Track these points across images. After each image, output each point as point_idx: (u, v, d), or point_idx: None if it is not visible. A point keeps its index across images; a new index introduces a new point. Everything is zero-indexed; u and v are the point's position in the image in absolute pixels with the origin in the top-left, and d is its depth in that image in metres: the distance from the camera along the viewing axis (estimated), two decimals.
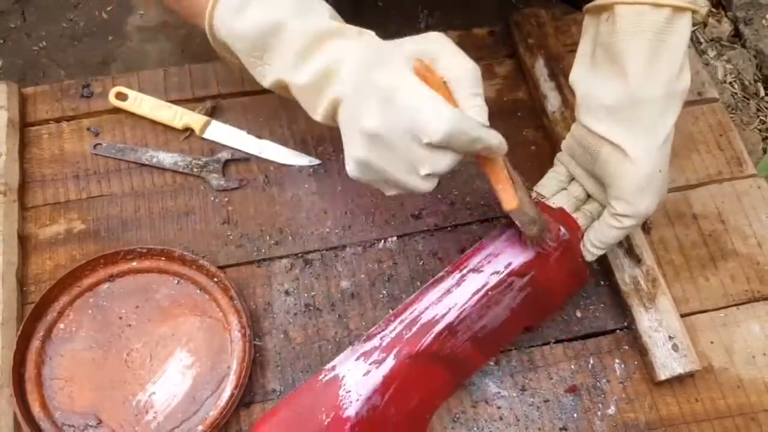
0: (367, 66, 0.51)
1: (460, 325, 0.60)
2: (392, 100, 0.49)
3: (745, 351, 0.67)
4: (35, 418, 0.62)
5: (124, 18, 1.12)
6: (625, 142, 0.57)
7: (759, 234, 0.73)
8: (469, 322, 0.61)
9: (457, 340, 0.60)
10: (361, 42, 0.54)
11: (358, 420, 0.57)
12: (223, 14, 0.55)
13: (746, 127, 1.05)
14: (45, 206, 0.73)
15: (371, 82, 0.50)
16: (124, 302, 0.67)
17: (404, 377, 0.58)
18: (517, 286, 0.62)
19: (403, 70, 0.50)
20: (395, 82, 0.49)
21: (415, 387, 0.59)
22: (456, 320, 0.60)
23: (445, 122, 0.47)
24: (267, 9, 0.54)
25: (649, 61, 0.55)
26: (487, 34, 0.85)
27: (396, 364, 0.59)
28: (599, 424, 0.63)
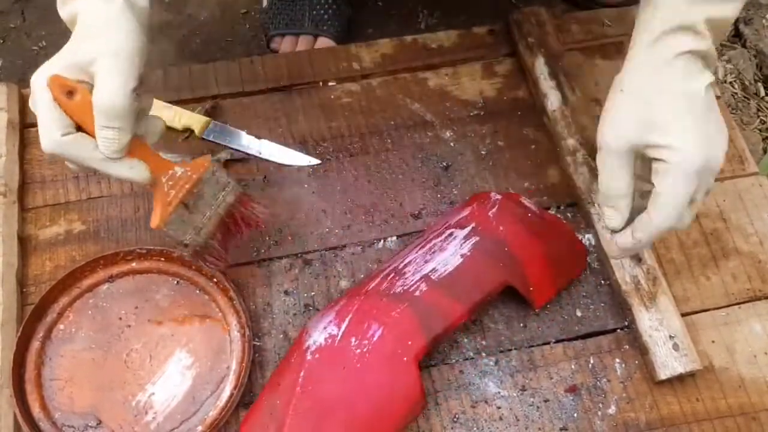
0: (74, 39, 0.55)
1: (407, 268, 0.64)
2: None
3: (747, 350, 0.67)
4: (35, 418, 0.62)
5: None
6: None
7: (760, 232, 0.73)
8: (416, 265, 0.64)
9: (407, 280, 0.63)
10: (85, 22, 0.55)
11: (317, 348, 0.60)
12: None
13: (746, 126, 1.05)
14: (45, 207, 0.74)
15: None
16: (124, 303, 0.67)
17: (359, 311, 0.62)
18: (460, 235, 0.66)
19: (41, 80, 0.53)
20: (36, 85, 0.53)
21: (375, 321, 0.61)
22: (401, 264, 0.65)
23: (45, 147, 0.53)
24: None
25: None
26: (487, 33, 0.85)
27: (347, 301, 0.63)
28: (599, 424, 0.63)
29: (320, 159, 0.76)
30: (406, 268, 0.64)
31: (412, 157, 0.77)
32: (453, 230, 0.66)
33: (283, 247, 0.71)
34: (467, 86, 0.82)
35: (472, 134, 0.78)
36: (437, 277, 0.63)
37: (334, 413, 0.58)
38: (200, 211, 0.61)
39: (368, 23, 1.09)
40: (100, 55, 0.53)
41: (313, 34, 0.99)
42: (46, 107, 0.53)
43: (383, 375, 0.60)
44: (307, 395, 0.58)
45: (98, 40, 0.53)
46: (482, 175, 0.76)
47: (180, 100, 0.79)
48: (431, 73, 0.82)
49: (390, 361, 0.60)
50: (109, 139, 0.53)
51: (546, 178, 0.76)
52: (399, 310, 0.61)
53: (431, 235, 0.67)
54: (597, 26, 0.85)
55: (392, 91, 0.81)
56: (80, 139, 0.54)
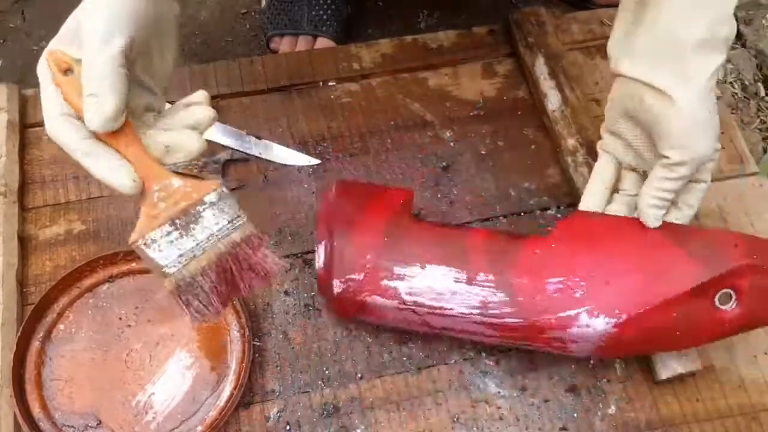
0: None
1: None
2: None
3: (747, 350, 0.67)
4: (35, 418, 0.62)
5: None
6: (668, 83, 0.55)
7: (760, 232, 0.73)
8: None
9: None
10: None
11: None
12: None
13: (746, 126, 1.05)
14: (45, 207, 0.74)
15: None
16: (124, 303, 0.67)
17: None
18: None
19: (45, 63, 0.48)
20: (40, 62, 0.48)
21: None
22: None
23: (47, 129, 0.47)
24: None
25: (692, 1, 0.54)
26: (487, 33, 0.85)
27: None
28: (599, 424, 0.63)
29: (320, 159, 0.76)
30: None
31: (412, 157, 0.77)
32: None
33: (283, 247, 0.71)
34: (467, 86, 0.82)
35: (472, 134, 0.78)
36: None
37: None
38: (194, 238, 0.48)
39: (368, 23, 1.09)
40: (85, 18, 0.47)
41: (312, 34, 0.99)
42: (44, 85, 0.48)
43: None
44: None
45: (87, 2, 0.48)
46: (482, 175, 0.76)
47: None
48: (431, 73, 0.82)
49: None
50: (89, 110, 0.46)
51: (546, 178, 0.76)
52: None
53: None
54: (597, 26, 0.86)
55: (392, 91, 0.81)
56: (70, 120, 0.47)
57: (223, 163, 0.75)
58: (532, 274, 0.58)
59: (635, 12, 0.58)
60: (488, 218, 0.73)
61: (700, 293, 0.57)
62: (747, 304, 0.57)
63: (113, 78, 0.46)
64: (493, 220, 0.73)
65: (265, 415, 0.64)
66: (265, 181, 0.75)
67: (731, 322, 0.58)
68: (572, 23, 0.85)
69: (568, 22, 0.85)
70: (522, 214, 0.73)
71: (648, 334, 0.57)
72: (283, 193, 0.74)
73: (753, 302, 0.57)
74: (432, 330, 0.62)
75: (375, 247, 0.60)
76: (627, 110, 0.60)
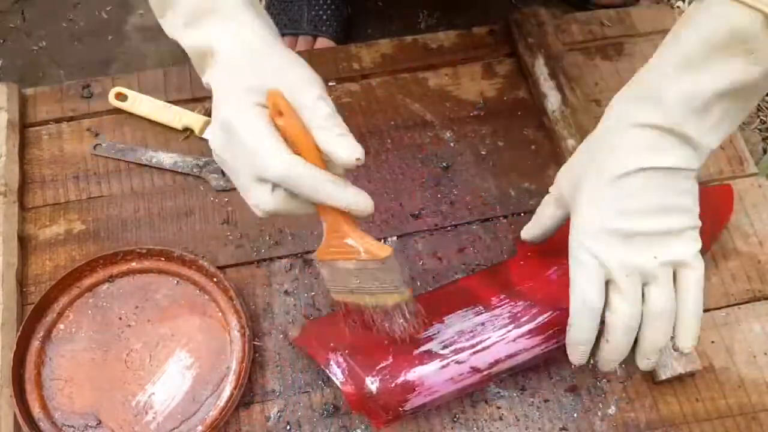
0: (229, 72, 0.52)
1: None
2: (231, 131, 0.49)
3: (746, 351, 0.67)
4: (35, 418, 0.62)
5: (124, 18, 1.12)
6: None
7: (760, 233, 0.73)
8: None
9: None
10: (237, 38, 0.52)
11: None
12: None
13: (746, 127, 1.05)
14: (45, 207, 0.73)
15: (222, 109, 0.51)
16: (124, 303, 0.67)
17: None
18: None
19: (245, 104, 0.50)
20: (234, 114, 0.50)
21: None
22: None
23: (276, 170, 0.48)
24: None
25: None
26: (487, 34, 0.85)
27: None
28: (599, 424, 0.63)
29: None
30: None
31: (412, 157, 0.77)
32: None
33: (284, 247, 0.71)
34: (467, 86, 0.82)
35: (472, 134, 0.78)
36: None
37: None
38: (356, 281, 0.54)
39: (368, 23, 1.09)
40: (294, 65, 0.51)
41: (312, 34, 0.99)
42: (266, 127, 0.49)
43: None
44: None
45: (282, 67, 0.51)
46: (482, 175, 0.76)
47: (180, 99, 0.79)
48: (431, 73, 0.82)
49: None
50: (345, 146, 0.49)
51: (546, 179, 0.76)
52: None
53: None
54: (597, 27, 0.86)
55: (392, 92, 0.81)
56: (302, 159, 0.49)
57: None
58: (532, 276, 0.59)
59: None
60: (488, 218, 0.73)
61: None
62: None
63: (339, 117, 0.50)
64: (493, 220, 0.73)
65: (266, 415, 0.64)
66: None
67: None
68: (572, 24, 0.85)
69: (568, 23, 0.85)
70: (522, 214, 0.73)
71: None
72: None
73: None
74: (483, 376, 0.60)
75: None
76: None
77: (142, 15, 1.12)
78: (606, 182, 0.52)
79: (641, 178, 0.51)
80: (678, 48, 0.50)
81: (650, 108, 0.51)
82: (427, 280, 0.70)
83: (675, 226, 0.51)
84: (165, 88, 0.80)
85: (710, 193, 0.69)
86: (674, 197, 0.51)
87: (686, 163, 0.51)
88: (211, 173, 0.74)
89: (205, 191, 0.74)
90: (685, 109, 0.49)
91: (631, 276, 0.51)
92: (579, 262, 0.52)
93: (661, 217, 0.51)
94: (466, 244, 0.72)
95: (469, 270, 0.70)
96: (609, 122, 0.54)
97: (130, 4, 1.13)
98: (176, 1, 0.54)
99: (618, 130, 0.53)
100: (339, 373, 0.59)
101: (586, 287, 0.52)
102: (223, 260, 0.70)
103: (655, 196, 0.51)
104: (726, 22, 0.47)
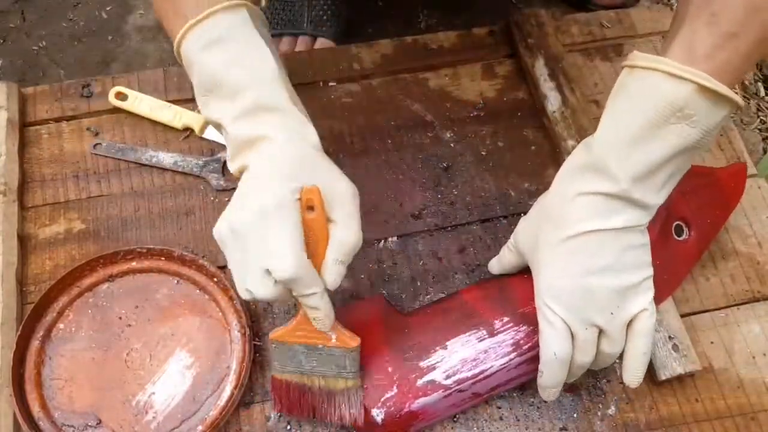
0: (277, 159, 0.53)
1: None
2: (264, 220, 0.51)
3: (746, 351, 0.67)
4: (35, 418, 0.62)
5: (124, 18, 1.12)
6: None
7: (759, 234, 0.73)
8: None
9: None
10: (294, 132, 0.54)
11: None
12: (189, 50, 0.56)
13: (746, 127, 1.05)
14: (45, 206, 0.73)
15: (257, 188, 0.53)
16: (124, 302, 0.67)
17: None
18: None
19: (284, 194, 0.51)
20: (272, 203, 0.51)
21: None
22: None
23: (287, 269, 0.50)
24: (226, 55, 0.54)
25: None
26: (487, 34, 0.85)
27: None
28: (599, 424, 0.63)
29: None
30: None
31: (412, 158, 0.77)
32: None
33: None
34: (467, 87, 0.82)
35: (473, 135, 0.78)
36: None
37: None
38: (310, 364, 0.59)
39: (368, 23, 1.09)
40: (338, 178, 0.54)
41: (312, 34, 0.99)
42: (295, 227, 0.51)
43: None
44: None
45: (330, 171, 0.54)
46: (482, 175, 0.76)
47: (180, 99, 0.79)
48: (431, 73, 0.83)
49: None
50: (340, 273, 0.53)
51: (546, 179, 0.76)
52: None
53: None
54: (597, 28, 0.86)
55: (392, 92, 0.81)
56: (311, 265, 0.52)
57: (223, 162, 0.75)
58: (533, 295, 0.59)
59: None
60: (488, 218, 0.73)
61: (661, 234, 0.63)
62: (696, 224, 0.65)
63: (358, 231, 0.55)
64: (493, 221, 0.73)
65: (266, 415, 0.64)
66: None
67: (694, 246, 0.66)
68: (572, 25, 0.86)
69: (568, 24, 0.86)
70: (522, 214, 0.73)
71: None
72: None
73: (698, 220, 0.66)
74: (482, 399, 0.62)
75: (389, 358, 0.61)
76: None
77: (141, 15, 1.12)
78: (560, 243, 0.55)
79: (595, 239, 0.54)
80: (620, 123, 0.52)
81: (598, 178, 0.53)
82: (427, 280, 0.70)
83: (633, 281, 0.55)
84: (165, 87, 0.80)
85: (722, 175, 0.69)
86: (628, 254, 0.54)
87: (636, 221, 0.54)
88: (211, 173, 0.74)
89: (206, 191, 0.74)
90: (632, 178, 0.52)
91: (589, 329, 0.55)
92: (547, 321, 0.56)
93: (618, 275, 0.54)
94: (466, 244, 0.72)
95: (469, 270, 0.70)
96: (560, 188, 0.57)
97: (130, 4, 1.13)
98: (234, 94, 0.54)
99: (568, 197, 0.55)
100: None
101: (555, 344, 0.55)
102: (223, 260, 0.69)
103: (611, 255, 0.54)
104: (662, 97, 0.49)
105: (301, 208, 0.52)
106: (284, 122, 0.54)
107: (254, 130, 0.54)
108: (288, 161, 0.53)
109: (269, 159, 0.53)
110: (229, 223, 0.53)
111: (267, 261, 0.51)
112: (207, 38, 0.54)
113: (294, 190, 0.52)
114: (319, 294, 0.53)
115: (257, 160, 0.54)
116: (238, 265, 0.53)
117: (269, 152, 0.53)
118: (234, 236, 0.53)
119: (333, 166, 0.55)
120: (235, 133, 0.54)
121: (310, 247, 0.52)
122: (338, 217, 0.53)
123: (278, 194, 0.51)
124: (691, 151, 0.52)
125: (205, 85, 0.56)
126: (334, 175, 0.55)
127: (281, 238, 0.50)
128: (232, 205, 0.54)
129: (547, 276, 0.56)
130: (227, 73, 0.54)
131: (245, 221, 0.52)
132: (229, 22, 0.54)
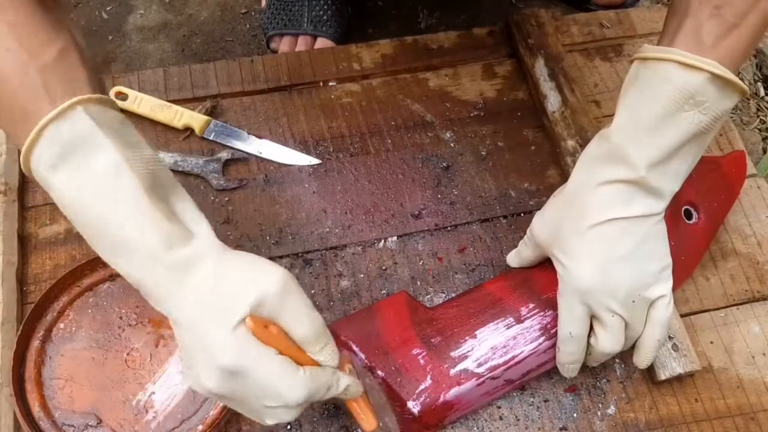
0: (201, 315, 0.48)
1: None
2: (241, 374, 0.48)
3: (745, 351, 0.67)
4: (35, 417, 0.62)
5: (124, 18, 1.12)
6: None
7: (759, 234, 0.73)
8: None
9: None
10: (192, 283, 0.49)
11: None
12: (39, 167, 0.50)
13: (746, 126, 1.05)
14: (45, 206, 0.73)
15: (204, 340, 0.48)
16: (124, 302, 0.67)
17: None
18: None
19: (241, 337, 0.48)
20: (236, 357, 0.47)
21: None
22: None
23: (298, 395, 0.49)
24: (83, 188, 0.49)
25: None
26: (487, 34, 0.85)
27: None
28: (599, 424, 0.63)
29: (320, 159, 0.76)
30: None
31: (412, 158, 0.77)
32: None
33: (284, 247, 0.71)
34: (467, 87, 0.82)
35: (473, 135, 0.78)
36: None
37: None
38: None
39: (368, 23, 1.10)
40: (271, 293, 0.50)
41: (312, 34, 0.99)
42: (278, 363, 0.48)
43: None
44: None
45: (251, 280, 0.50)
46: (482, 175, 0.76)
47: (180, 99, 0.79)
48: (431, 73, 0.83)
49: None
50: (331, 350, 0.52)
51: (546, 179, 0.76)
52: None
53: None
54: (596, 28, 0.86)
55: (392, 92, 0.81)
56: (312, 375, 0.50)
57: (223, 162, 0.75)
58: (556, 282, 0.60)
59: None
60: (488, 218, 0.73)
61: (672, 218, 0.62)
62: (704, 207, 0.67)
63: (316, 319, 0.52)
64: (493, 220, 0.73)
65: None
66: (266, 181, 0.75)
67: (705, 228, 0.67)
68: (572, 25, 0.86)
69: (568, 24, 0.86)
70: (522, 214, 0.74)
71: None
72: (283, 193, 0.74)
73: (706, 203, 0.67)
74: (515, 386, 0.63)
75: (419, 351, 0.61)
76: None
77: (142, 15, 1.12)
78: (586, 231, 0.56)
79: (617, 227, 0.55)
80: (636, 113, 0.54)
81: (619, 167, 0.55)
82: (427, 280, 0.70)
83: (653, 269, 0.57)
84: (165, 87, 0.80)
85: (723, 162, 0.71)
86: (649, 242, 0.56)
87: (654, 209, 0.56)
88: (211, 173, 0.74)
89: (206, 191, 0.74)
90: (650, 164, 0.54)
91: (615, 317, 0.57)
92: (569, 308, 0.58)
93: (640, 263, 0.56)
94: (466, 244, 0.72)
95: (469, 270, 0.70)
96: (580, 178, 0.58)
97: (130, 4, 1.13)
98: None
99: (588, 186, 0.57)
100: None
101: (571, 324, 0.58)
102: None
103: (632, 243, 0.55)
104: (676, 86, 0.52)
105: (257, 329, 0.48)
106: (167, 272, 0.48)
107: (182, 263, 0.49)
108: (216, 294, 0.49)
109: (195, 301, 0.49)
110: (211, 389, 0.49)
111: (277, 401, 0.49)
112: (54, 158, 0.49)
113: (242, 320, 0.48)
114: (339, 376, 0.53)
115: (183, 307, 0.49)
116: (255, 412, 0.51)
117: (194, 296, 0.49)
118: (231, 397, 0.50)
119: (249, 264, 0.52)
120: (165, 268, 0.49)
121: (291, 352, 0.50)
122: (285, 321, 0.50)
123: (242, 345, 0.48)
124: (702, 138, 0.54)
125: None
126: (255, 279, 0.51)
127: (277, 381, 0.48)
128: (194, 368, 0.49)
129: (572, 264, 0.57)
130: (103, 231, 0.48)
131: (224, 383, 0.48)
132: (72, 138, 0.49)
